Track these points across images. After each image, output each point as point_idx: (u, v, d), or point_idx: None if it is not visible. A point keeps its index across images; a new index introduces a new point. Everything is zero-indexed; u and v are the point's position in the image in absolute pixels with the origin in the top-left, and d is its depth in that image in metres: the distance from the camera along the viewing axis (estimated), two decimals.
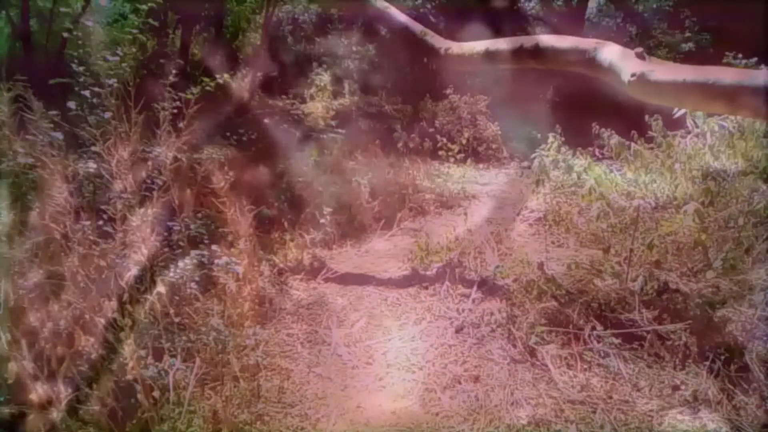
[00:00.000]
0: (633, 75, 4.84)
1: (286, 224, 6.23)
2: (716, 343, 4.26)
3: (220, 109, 8.55)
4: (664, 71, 4.71)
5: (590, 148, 8.34)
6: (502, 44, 6.19)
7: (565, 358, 4.44)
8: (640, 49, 5.07)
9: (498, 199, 7.73)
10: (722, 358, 4.11)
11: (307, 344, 4.90)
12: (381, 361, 4.68)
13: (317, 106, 10.06)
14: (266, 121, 8.83)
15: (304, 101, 10.39)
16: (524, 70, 8.66)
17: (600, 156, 7.89)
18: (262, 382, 4.30)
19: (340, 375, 4.54)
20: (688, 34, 11.79)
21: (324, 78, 10.66)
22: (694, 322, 4.42)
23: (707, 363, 4.16)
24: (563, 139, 8.01)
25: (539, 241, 6.57)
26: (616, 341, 4.50)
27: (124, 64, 5.77)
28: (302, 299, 5.54)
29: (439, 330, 5.00)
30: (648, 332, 4.50)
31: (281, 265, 5.87)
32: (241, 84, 10.67)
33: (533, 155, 6.97)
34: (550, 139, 8.10)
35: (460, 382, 4.34)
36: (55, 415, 3.37)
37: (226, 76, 5.09)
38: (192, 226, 4.48)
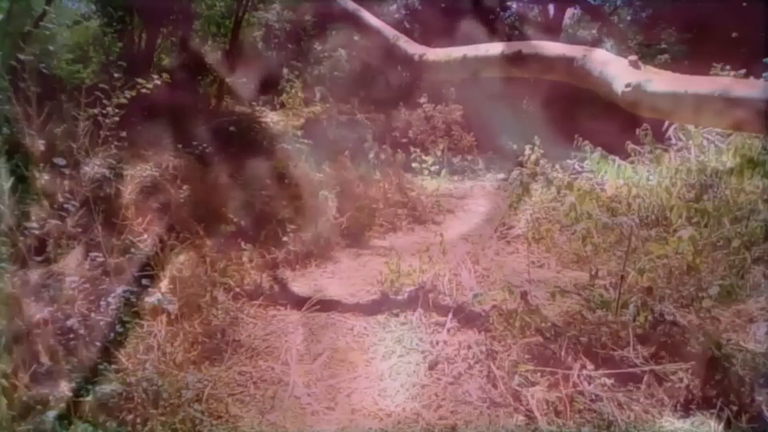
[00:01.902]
0: (627, 85, 4.22)
1: (243, 243, 5.49)
2: (724, 387, 3.64)
3: (182, 116, 7.83)
4: (663, 81, 4.10)
5: (569, 161, 7.77)
6: (482, 51, 5.53)
7: (553, 402, 3.78)
8: (634, 57, 4.46)
9: (474, 214, 7.09)
10: (731, 405, 3.49)
11: (262, 384, 4.20)
12: (344, 406, 3.99)
13: (287, 113, 9.35)
14: (231, 129, 8.08)
15: (274, 108, 9.67)
16: (501, 78, 8.10)
17: (580, 170, 7.29)
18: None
19: (297, 422, 3.85)
20: (663, 46, 11.31)
21: (295, 85, 9.94)
22: (697, 361, 3.80)
23: (714, 411, 3.53)
24: (542, 151, 7.42)
25: (518, 260, 5.94)
26: (609, 382, 3.86)
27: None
28: (259, 329, 4.82)
29: (411, 366, 4.33)
30: (643, 371, 3.88)
31: (237, 290, 5.15)
32: (209, 90, 9.96)
33: (513, 171, 6.36)
34: (527, 152, 7.51)
35: None
36: None
37: (165, 76, 4.36)
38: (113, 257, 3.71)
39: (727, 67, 6.54)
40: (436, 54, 6.56)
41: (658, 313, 4.24)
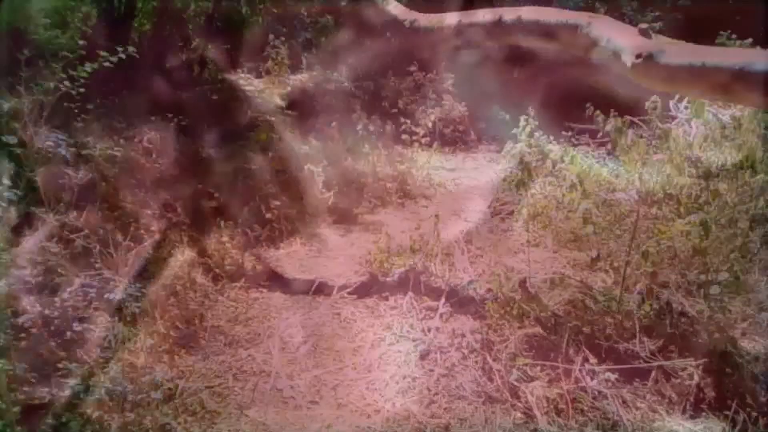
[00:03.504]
0: (638, 56, 3.79)
1: (223, 220, 5.07)
2: (738, 387, 3.31)
3: (162, 84, 7.30)
4: (678, 52, 3.68)
5: (566, 133, 7.36)
6: (478, 17, 5.08)
7: (554, 400, 3.44)
8: (644, 25, 4.03)
9: (466, 189, 6.68)
10: (747, 408, 3.16)
11: (241, 375, 3.85)
12: (330, 400, 3.65)
13: (273, 81, 8.80)
14: (214, 97, 7.56)
15: (260, 76, 9.11)
16: (496, 46, 7.61)
17: (576, 142, 6.89)
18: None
19: (279, 418, 3.51)
20: (658, 13, 10.81)
21: (281, 51, 9.36)
22: (707, 356, 3.47)
23: (728, 413, 3.20)
24: (536, 122, 7.00)
25: (513, 238, 5.57)
26: (613, 377, 3.53)
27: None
28: (240, 313, 4.44)
29: (401, 356, 3.99)
30: (650, 366, 3.55)
31: (217, 270, 4.74)
32: (191, 57, 9.36)
33: (506, 145, 5.94)
34: (522, 123, 7.08)
35: None
36: None
37: (130, 48, 3.88)
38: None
39: (734, 36, 6.12)
40: (428, 20, 6.09)
41: (664, 301, 3.89)
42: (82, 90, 3.83)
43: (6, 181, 2.69)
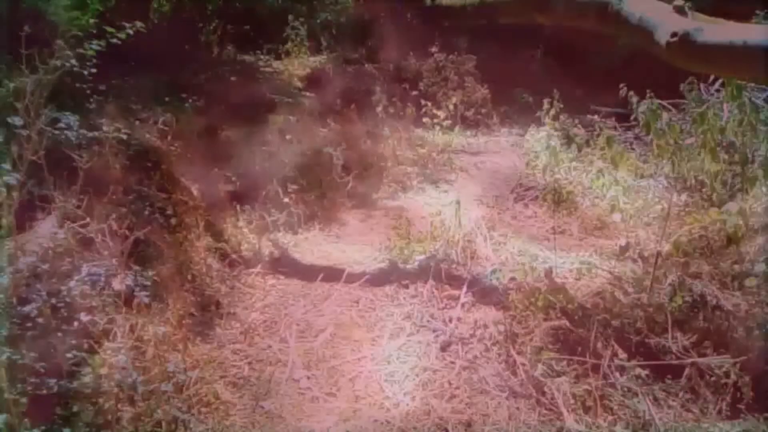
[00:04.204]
0: (673, 35, 3.58)
1: (240, 204, 4.93)
2: None
3: (180, 65, 7.16)
4: (717, 31, 3.45)
5: (590, 117, 7.11)
6: None
7: (581, 396, 3.27)
8: (680, 2, 3.79)
9: (489, 173, 6.47)
10: None
11: (257, 365, 3.72)
12: (347, 392, 3.51)
13: (292, 63, 8.61)
14: (232, 78, 7.40)
15: (279, 57, 8.91)
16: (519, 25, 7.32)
17: (603, 126, 6.61)
18: (193, 425, 3.12)
19: (295, 411, 3.38)
20: None
21: (300, 32, 9.15)
22: (746, 354, 3.27)
23: None
24: (561, 105, 6.76)
25: (537, 225, 5.39)
26: (644, 373, 3.34)
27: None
28: (256, 300, 4.32)
29: (422, 347, 3.83)
30: (682, 361, 3.35)
31: (234, 256, 4.62)
32: (210, 38, 9.19)
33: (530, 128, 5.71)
34: (546, 106, 6.84)
35: (447, 430, 3.18)
36: None
37: (139, 24, 3.71)
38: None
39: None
40: None
41: (697, 294, 3.68)
42: (93, 70, 3.66)
43: (6, 165, 2.55)
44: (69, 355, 2.71)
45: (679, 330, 3.50)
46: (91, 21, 4.65)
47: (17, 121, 2.74)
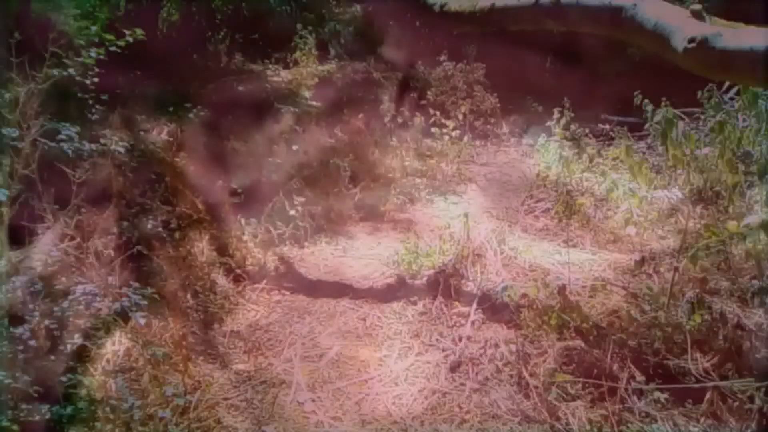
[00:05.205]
0: (691, 41, 3.42)
1: (245, 217, 4.81)
2: None
3: (187, 75, 7.07)
4: (737, 36, 3.29)
5: (601, 126, 6.93)
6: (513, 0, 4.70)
7: (597, 422, 3.11)
8: (698, 6, 3.63)
9: (498, 184, 6.31)
10: None
11: (261, 387, 3.57)
12: (353, 416, 3.37)
13: (300, 72, 8.50)
14: (240, 88, 7.30)
15: (287, 66, 8.81)
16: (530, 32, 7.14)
17: (614, 135, 6.43)
18: None
19: None
20: None
21: (309, 41, 9.04)
22: None
23: None
24: (572, 114, 6.60)
25: (548, 238, 5.22)
26: (663, 397, 3.17)
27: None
28: (261, 318, 4.18)
29: (430, 367, 3.68)
30: (703, 384, 3.18)
31: (238, 271, 4.49)
32: (219, 47, 9.10)
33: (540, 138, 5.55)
34: (556, 115, 6.69)
35: None
36: None
37: (138, 31, 3.61)
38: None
39: None
40: (459, 4, 5.73)
41: (717, 312, 3.51)
42: (96, 80, 3.57)
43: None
44: (63, 379, 2.57)
45: (698, 351, 3.33)
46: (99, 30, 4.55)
47: (12, 132, 2.62)
